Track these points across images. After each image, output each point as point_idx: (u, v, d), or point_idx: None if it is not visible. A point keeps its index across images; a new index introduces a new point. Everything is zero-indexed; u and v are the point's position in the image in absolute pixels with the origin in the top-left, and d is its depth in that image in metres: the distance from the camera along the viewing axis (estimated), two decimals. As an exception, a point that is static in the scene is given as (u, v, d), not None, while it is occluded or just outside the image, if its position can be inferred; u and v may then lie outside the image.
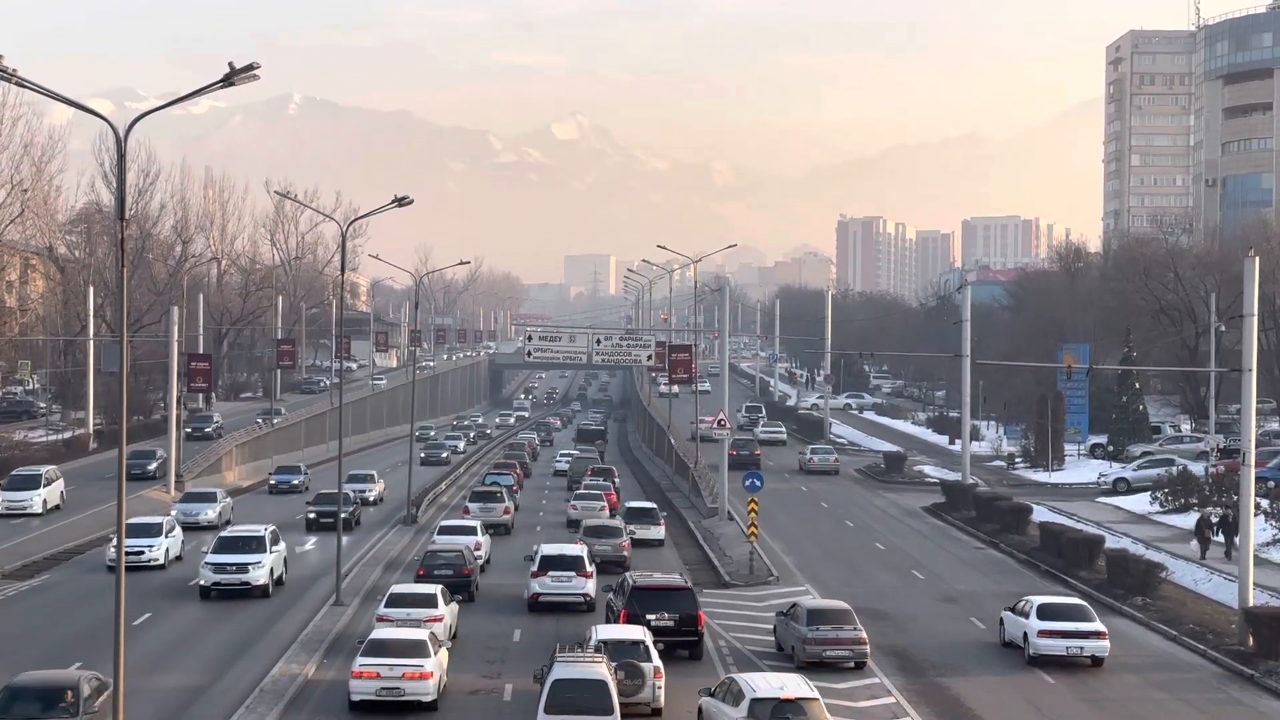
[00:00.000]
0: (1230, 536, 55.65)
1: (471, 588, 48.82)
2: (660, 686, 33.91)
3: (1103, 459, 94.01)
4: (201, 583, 48.91)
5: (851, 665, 39.22)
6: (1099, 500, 78.38)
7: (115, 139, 26.44)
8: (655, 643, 35.71)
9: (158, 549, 54.77)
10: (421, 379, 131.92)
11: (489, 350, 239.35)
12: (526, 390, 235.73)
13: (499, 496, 70.94)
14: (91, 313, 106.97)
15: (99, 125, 31.51)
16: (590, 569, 48.34)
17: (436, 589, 42.15)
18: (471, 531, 57.03)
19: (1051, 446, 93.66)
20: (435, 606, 40.67)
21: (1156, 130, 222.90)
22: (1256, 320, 44.56)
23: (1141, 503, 73.92)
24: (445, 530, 57.90)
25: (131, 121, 27.40)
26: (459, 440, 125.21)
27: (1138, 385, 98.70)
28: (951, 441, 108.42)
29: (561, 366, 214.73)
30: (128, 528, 51.24)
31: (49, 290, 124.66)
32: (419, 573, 48.28)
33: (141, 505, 69.27)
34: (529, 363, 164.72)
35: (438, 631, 38.74)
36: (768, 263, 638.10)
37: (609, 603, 43.52)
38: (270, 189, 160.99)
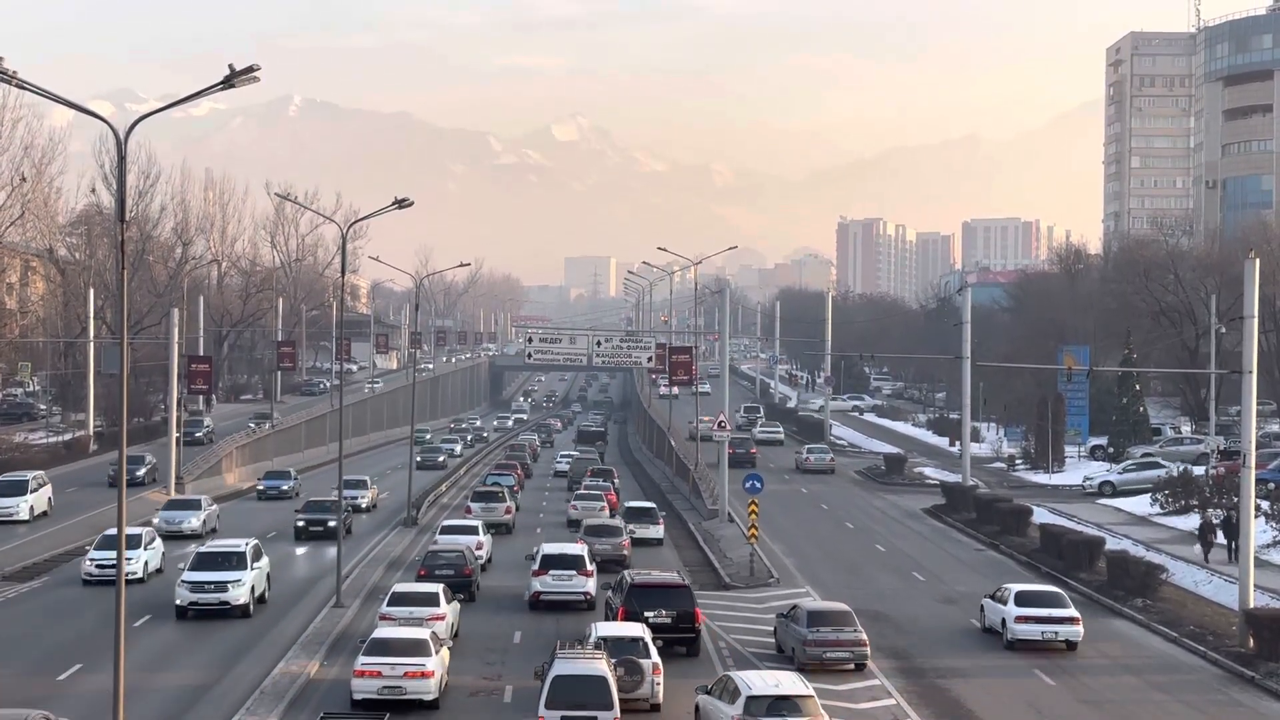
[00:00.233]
0: (1233, 539, 55.57)
1: (472, 587, 49.13)
2: (659, 683, 34.35)
3: (1103, 461, 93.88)
4: (178, 602, 45.52)
5: (852, 667, 39.28)
6: (1099, 502, 78.32)
7: (115, 141, 26.43)
8: (654, 639, 36.11)
9: (135, 562, 51.60)
10: (421, 381, 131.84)
11: (487, 352, 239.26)
12: (526, 393, 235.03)
13: (500, 496, 71.82)
14: (92, 315, 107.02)
15: (99, 127, 31.45)
16: (591, 568, 48.87)
17: (438, 588, 42.48)
18: (473, 531, 57.75)
19: (1052, 448, 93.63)
20: (437, 605, 41.02)
21: (1157, 132, 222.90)
22: (1257, 322, 44.53)
23: (1142, 504, 73.90)
24: (448, 530, 58.50)
25: (132, 123, 27.39)
26: (456, 444, 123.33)
27: (1138, 387, 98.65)
28: (952, 443, 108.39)
29: (562, 368, 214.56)
30: (105, 539, 51.25)
31: (49, 292, 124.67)
32: (420, 573, 48.66)
33: (142, 508, 69.29)
34: (529, 365, 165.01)
35: (439, 630, 39.08)
36: (768, 264, 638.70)
37: (607, 600, 44.07)
38: (270, 191, 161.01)
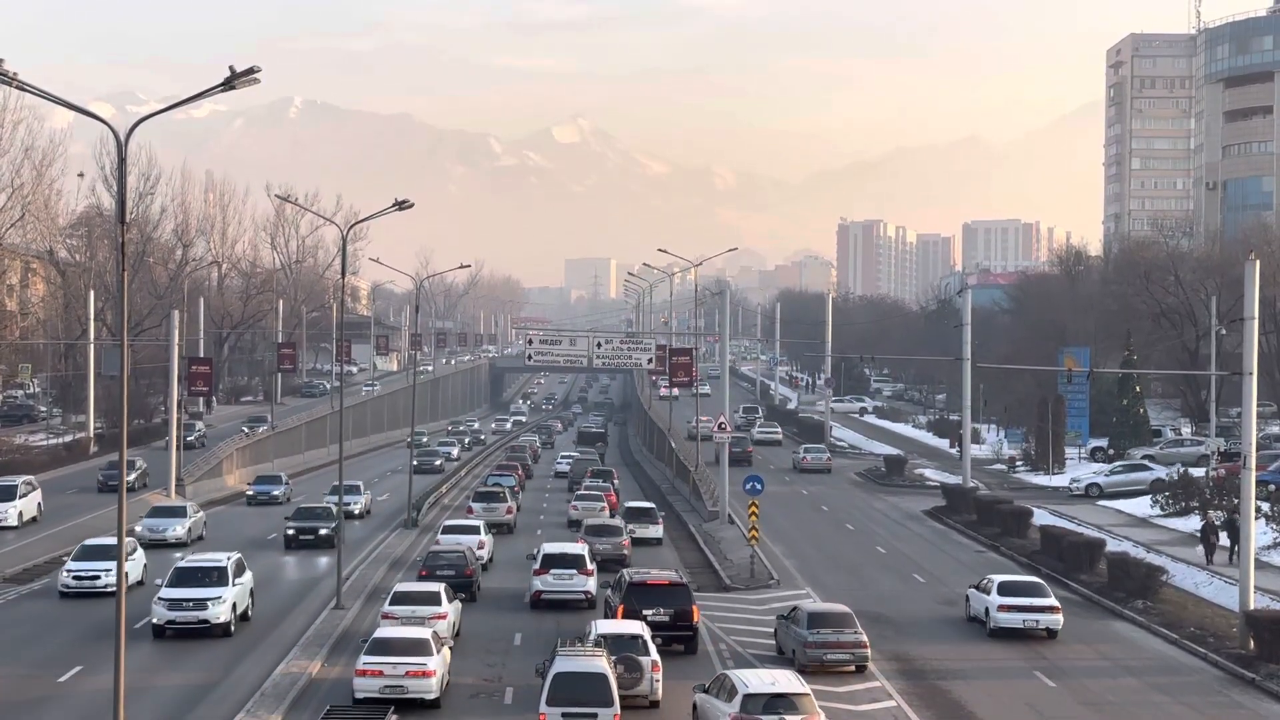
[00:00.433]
0: (1237, 540, 55.54)
1: (473, 588, 49.37)
2: (658, 680, 34.81)
3: (1103, 463, 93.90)
4: (154, 621, 42.28)
5: (852, 669, 39.27)
6: (1100, 504, 78.31)
7: (116, 143, 26.43)
8: (652, 637, 36.46)
9: (113, 574, 48.32)
10: (421, 383, 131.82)
11: (487, 354, 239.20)
12: (525, 395, 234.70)
13: (502, 496, 72.49)
14: (92, 316, 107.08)
15: (100, 129, 31.41)
16: (591, 567, 49.24)
17: (440, 587, 42.79)
18: (475, 531, 58.30)
19: (1052, 450, 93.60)
20: (439, 604, 41.31)
21: (1157, 133, 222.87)
22: (1257, 323, 44.52)
23: (1142, 506, 74.00)
24: (450, 529, 58.99)
25: (132, 125, 27.36)
26: (453, 446, 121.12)
27: (1138, 389, 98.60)
28: (952, 445, 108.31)
29: (562, 370, 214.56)
30: (84, 549, 49.85)
31: (50, 294, 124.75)
32: (421, 573, 49.03)
33: (140, 510, 69.08)
34: (529, 366, 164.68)
35: (441, 629, 39.39)
36: (768, 266, 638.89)
37: (606, 599, 44.57)
38: (271, 192, 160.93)
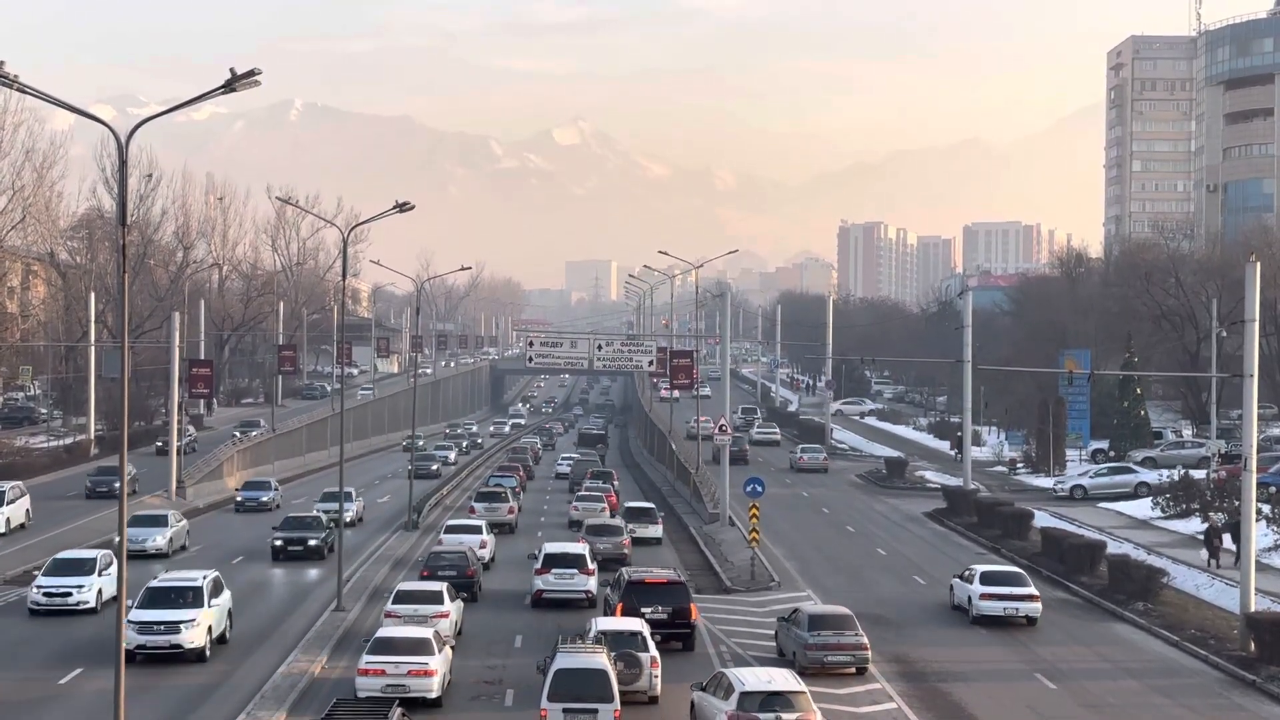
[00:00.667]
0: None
1: (475, 588, 49.65)
2: (657, 675, 35.41)
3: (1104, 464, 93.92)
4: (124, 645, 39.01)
5: (853, 671, 39.28)
6: (1101, 505, 78.32)
7: (117, 145, 26.46)
8: (651, 634, 36.81)
9: (88, 590, 46.06)
10: (422, 385, 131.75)
11: (487, 356, 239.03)
12: (525, 399, 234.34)
13: (503, 497, 73.22)
14: (93, 318, 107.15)
15: (100, 131, 31.44)
16: (592, 566, 49.69)
17: (442, 586, 43.16)
18: (478, 530, 59.26)
19: (1053, 452, 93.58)
20: (441, 603, 41.65)
21: (1158, 135, 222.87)
22: (1258, 325, 44.54)
23: (1143, 508, 74.04)
24: (452, 529, 59.83)
25: (133, 127, 27.35)
26: (450, 450, 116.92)
27: (1139, 390, 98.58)
28: (953, 447, 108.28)
29: (563, 372, 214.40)
30: (55, 564, 47.39)
31: (50, 296, 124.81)
32: (423, 573, 49.40)
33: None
34: (530, 368, 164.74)
35: (443, 628, 39.71)
36: (769, 268, 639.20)
37: (605, 597, 45.12)
38: (271, 195, 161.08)
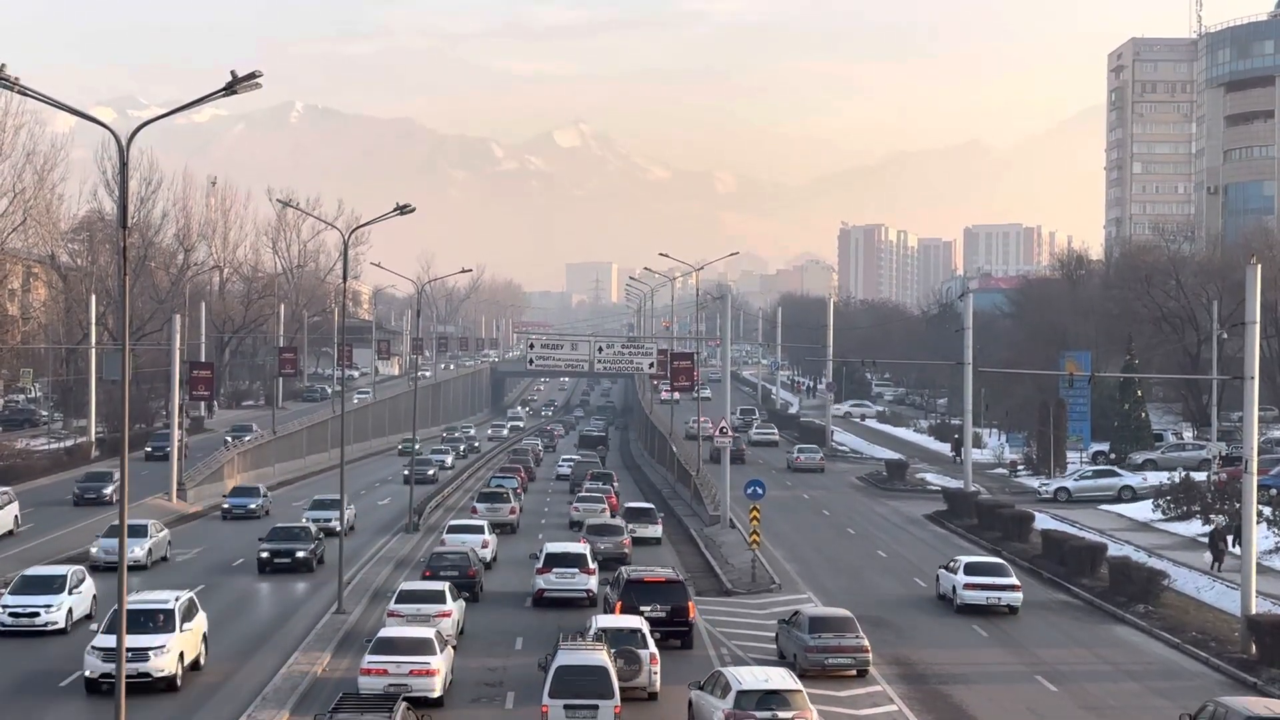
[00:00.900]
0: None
1: (476, 588, 49.94)
2: (656, 672, 35.89)
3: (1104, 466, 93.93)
4: (87, 673, 35.44)
5: (854, 673, 39.29)
6: (1102, 508, 78.35)
7: (117, 147, 26.49)
8: (650, 632, 37.20)
9: (57, 610, 43.17)
10: (423, 387, 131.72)
11: (487, 359, 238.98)
12: (524, 402, 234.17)
13: (505, 497, 73.85)
14: (93, 321, 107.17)
15: (101, 133, 31.48)
16: (593, 566, 50.16)
17: (444, 585, 43.51)
18: (480, 530, 60.00)
19: (1054, 454, 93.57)
20: (443, 602, 41.98)
21: (1158, 138, 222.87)
22: (1258, 328, 44.57)
23: (1144, 510, 74.19)
24: (455, 529, 60.48)
25: (134, 130, 27.39)
26: (447, 454, 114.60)
27: (1140, 393, 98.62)
28: (953, 449, 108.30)
29: (564, 374, 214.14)
30: (22, 581, 44.39)
31: (51, 298, 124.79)
32: (425, 573, 49.76)
33: (143, 513, 69.01)
34: (531, 370, 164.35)
35: (445, 627, 39.98)
36: (770, 270, 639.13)
37: (605, 596, 45.71)
38: (272, 197, 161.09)
